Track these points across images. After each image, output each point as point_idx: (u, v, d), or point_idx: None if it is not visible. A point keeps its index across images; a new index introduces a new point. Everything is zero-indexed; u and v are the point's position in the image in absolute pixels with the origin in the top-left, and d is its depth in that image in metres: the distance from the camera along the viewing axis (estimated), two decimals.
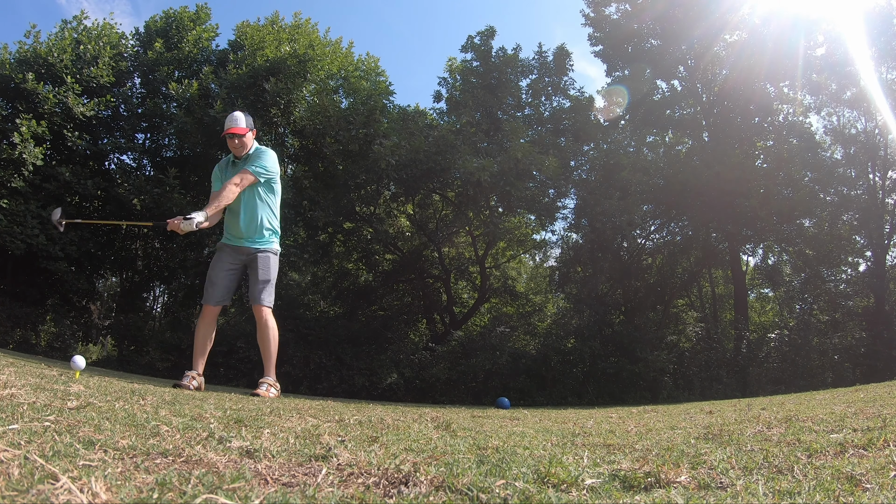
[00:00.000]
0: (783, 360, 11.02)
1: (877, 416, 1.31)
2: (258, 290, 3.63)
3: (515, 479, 0.72)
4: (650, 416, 2.50)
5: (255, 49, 12.65)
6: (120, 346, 12.32)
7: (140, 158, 13.53)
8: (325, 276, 14.71)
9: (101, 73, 12.21)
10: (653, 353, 10.28)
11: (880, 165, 12.64)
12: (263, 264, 3.68)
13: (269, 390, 3.54)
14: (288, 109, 12.42)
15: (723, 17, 12.67)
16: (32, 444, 0.74)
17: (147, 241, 14.53)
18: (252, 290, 3.68)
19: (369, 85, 13.29)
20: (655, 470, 0.76)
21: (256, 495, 0.60)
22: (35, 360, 4.38)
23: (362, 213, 12.93)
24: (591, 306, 11.74)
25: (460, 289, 15.14)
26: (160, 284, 15.14)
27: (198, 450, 0.82)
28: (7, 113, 10.89)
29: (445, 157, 10.99)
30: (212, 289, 3.66)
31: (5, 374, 1.79)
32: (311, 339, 11.20)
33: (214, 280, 3.67)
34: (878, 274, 12.25)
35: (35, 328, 11.32)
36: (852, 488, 0.65)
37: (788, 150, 12.35)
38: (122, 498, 0.56)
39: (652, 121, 14.10)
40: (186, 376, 3.48)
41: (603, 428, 1.71)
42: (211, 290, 3.66)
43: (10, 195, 10.06)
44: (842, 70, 12.25)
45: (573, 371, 10.74)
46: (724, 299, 15.49)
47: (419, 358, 11.02)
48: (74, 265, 11.71)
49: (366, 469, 0.77)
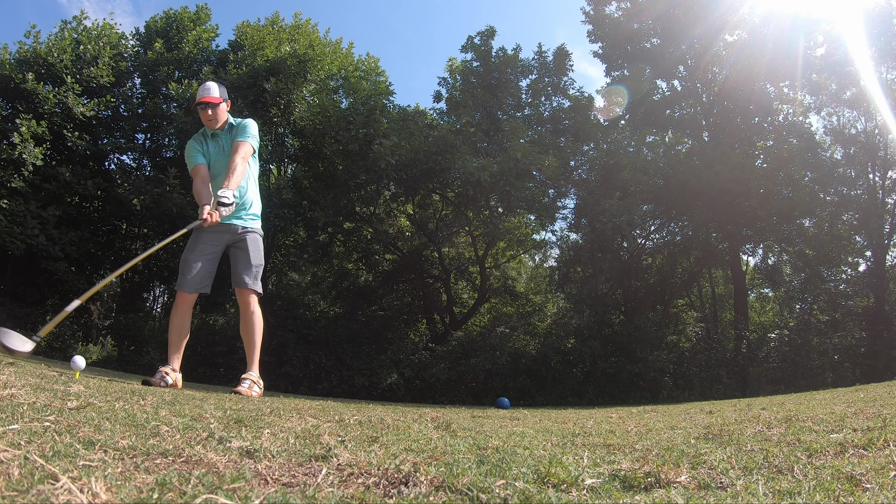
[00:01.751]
0: (783, 360, 11.02)
1: (877, 416, 1.31)
2: (250, 273, 3.28)
3: (515, 479, 0.72)
4: (650, 416, 2.50)
5: (255, 49, 12.66)
6: (120, 346, 12.33)
7: (140, 158, 13.54)
8: (325, 276, 14.71)
9: (101, 74, 12.22)
10: (653, 353, 10.28)
11: (880, 165, 12.64)
12: (254, 245, 3.36)
13: (253, 388, 3.18)
14: (288, 109, 12.42)
15: (722, 16, 12.67)
16: (32, 444, 0.74)
17: (147, 242, 14.53)
18: (241, 274, 3.29)
19: (369, 85, 13.30)
20: (655, 470, 0.76)
21: (256, 495, 0.60)
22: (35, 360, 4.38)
23: (362, 213, 12.93)
24: (591, 306, 11.74)
25: (460, 289, 15.14)
26: (160, 284, 15.14)
27: (198, 450, 0.82)
28: (7, 113, 10.89)
29: (445, 157, 10.99)
30: (189, 273, 3.21)
31: (5, 374, 1.79)
32: (311, 339, 11.20)
33: (192, 264, 3.21)
34: (878, 274, 12.25)
35: (35, 328, 11.32)
36: (852, 488, 0.65)
37: (788, 150, 12.34)
38: (122, 498, 0.56)
39: (652, 121, 14.09)
40: (159, 372, 3.10)
41: (603, 428, 1.71)
42: (188, 275, 3.21)
43: (10, 195, 10.06)
44: (842, 70, 12.25)
45: (573, 371, 10.74)
46: (724, 299, 15.49)
47: (419, 358, 11.02)
48: (74, 265, 11.71)
49: (366, 469, 0.77)
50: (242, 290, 3.29)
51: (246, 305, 3.31)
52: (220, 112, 3.40)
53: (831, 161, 13.02)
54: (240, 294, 3.32)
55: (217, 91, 3.41)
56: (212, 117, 3.36)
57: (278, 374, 10.46)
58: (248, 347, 3.33)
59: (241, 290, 3.30)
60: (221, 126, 3.43)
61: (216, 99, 3.37)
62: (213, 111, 3.36)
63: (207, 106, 3.35)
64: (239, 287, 3.31)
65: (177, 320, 3.28)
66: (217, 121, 3.39)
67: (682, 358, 11.08)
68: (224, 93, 3.47)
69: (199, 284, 3.27)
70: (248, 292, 3.29)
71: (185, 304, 3.29)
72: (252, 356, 3.30)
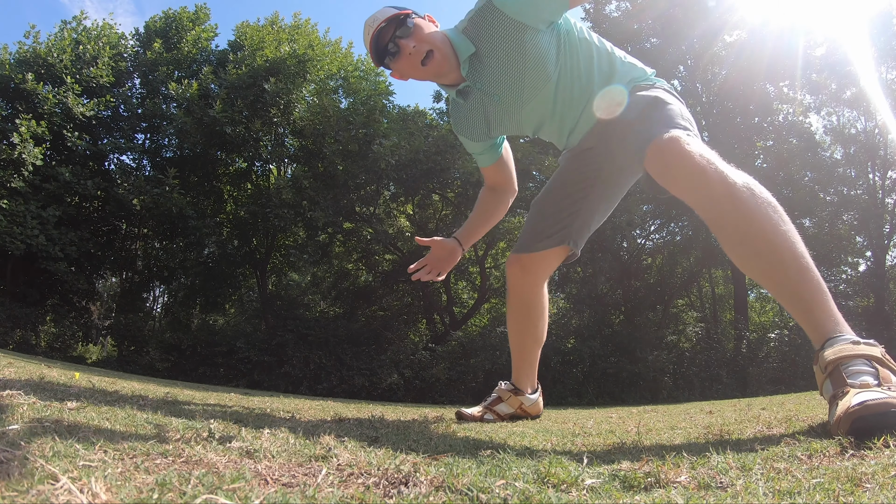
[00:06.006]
0: (783, 360, 11.02)
1: None
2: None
3: (515, 479, 0.72)
4: (650, 416, 2.50)
5: (255, 49, 12.66)
6: (120, 346, 12.33)
7: (140, 158, 13.55)
8: (325, 276, 14.71)
9: (101, 74, 12.22)
10: (653, 353, 10.28)
11: (880, 165, 12.64)
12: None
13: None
14: (288, 109, 12.43)
15: (722, 16, 12.67)
16: (32, 444, 0.74)
17: (147, 242, 14.54)
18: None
19: (369, 85, 13.30)
20: (655, 470, 0.76)
21: (256, 495, 0.60)
22: (35, 361, 4.39)
23: (362, 213, 12.93)
24: (591, 306, 11.73)
25: (460, 289, 15.14)
26: (160, 284, 15.15)
27: (198, 450, 0.82)
28: (7, 113, 10.90)
29: (445, 157, 10.99)
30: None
31: (5, 374, 1.79)
32: (310, 339, 11.20)
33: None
34: (878, 274, 12.25)
35: (35, 328, 11.32)
36: (852, 488, 0.65)
37: (788, 150, 12.35)
38: (122, 498, 0.56)
39: None
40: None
41: (603, 428, 1.71)
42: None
43: (9, 195, 10.06)
44: (841, 70, 12.25)
45: (573, 371, 10.74)
46: (724, 299, 15.49)
47: (419, 358, 11.02)
48: (74, 265, 11.71)
49: (366, 469, 0.77)
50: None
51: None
52: (422, 40, 1.57)
53: (831, 161, 13.03)
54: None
55: (388, 11, 1.60)
56: (428, 64, 1.57)
57: (278, 374, 10.47)
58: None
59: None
60: (449, 65, 1.60)
61: (391, 17, 1.58)
62: (413, 54, 1.57)
63: (394, 53, 1.60)
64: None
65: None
66: (441, 64, 1.59)
67: (682, 358, 11.08)
68: (400, 5, 1.65)
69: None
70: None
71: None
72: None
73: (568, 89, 1.65)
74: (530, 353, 2.12)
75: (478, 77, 1.64)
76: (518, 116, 1.70)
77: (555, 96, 1.65)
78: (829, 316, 1.18)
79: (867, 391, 0.99)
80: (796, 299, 1.21)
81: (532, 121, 1.73)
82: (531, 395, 2.21)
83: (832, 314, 1.18)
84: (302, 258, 13.60)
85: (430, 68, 1.58)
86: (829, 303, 1.19)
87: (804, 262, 1.22)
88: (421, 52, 1.57)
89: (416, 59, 1.58)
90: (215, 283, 13.35)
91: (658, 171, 1.34)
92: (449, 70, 1.62)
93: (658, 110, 1.49)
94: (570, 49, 1.63)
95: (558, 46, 1.61)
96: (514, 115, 1.69)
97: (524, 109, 1.67)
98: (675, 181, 1.30)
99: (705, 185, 1.26)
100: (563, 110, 1.70)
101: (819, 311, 1.19)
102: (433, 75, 1.62)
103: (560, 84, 1.64)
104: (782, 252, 1.21)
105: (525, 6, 1.52)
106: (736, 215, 1.25)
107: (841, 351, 1.10)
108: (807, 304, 1.20)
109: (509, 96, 1.64)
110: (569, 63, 1.63)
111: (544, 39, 1.56)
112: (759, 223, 1.23)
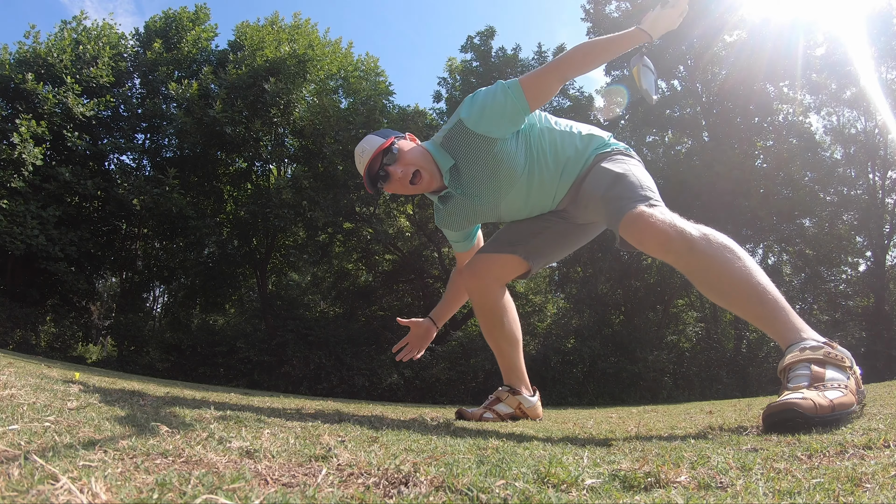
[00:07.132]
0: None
1: (877, 415, 1.31)
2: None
3: (515, 479, 0.72)
4: (650, 416, 2.51)
5: (255, 49, 12.66)
6: (120, 346, 12.33)
7: (140, 158, 13.55)
8: (325, 276, 14.72)
9: (101, 74, 12.22)
10: (653, 353, 10.28)
11: (880, 165, 12.64)
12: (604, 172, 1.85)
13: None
14: (288, 109, 12.43)
15: (722, 16, 12.67)
16: (32, 444, 0.74)
17: (147, 242, 14.54)
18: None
19: (369, 85, 13.30)
20: (655, 470, 0.76)
21: (256, 495, 0.60)
22: (35, 361, 4.38)
23: (362, 213, 12.93)
24: (591, 306, 11.73)
25: None
26: (160, 284, 15.16)
27: (198, 450, 0.82)
28: (7, 113, 10.89)
29: None
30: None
31: (5, 375, 1.79)
32: (310, 339, 11.21)
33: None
34: (878, 274, 12.25)
35: (35, 328, 11.32)
36: (852, 488, 0.65)
37: (788, 150, 12.35)
38: (122, 498, 0.56)
39: (651, 120, 14.09)
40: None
41: (603, 428, 1.71)
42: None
43: (9, 195, 10.06)
44: (841, 70, 12.25)
45: (573, 371, 10.74)
46: None
47: (419, 358, 11.03)
48: (74, 265, 11.71)
49: (366, 469, 0.77)
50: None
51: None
52: (408, 163, 1.78)
53: (831, 161, 13.03)
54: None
55: (377, 140, 1.82)
56: (418, 184, 1.79)
57: (278, 374, 10.47)
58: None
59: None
60: (434, 180, 1.82)
61: (378, 149, 1.78)
62: (402, 174, 1.77)
63: (381, 178, 1.80)
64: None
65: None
66: (428, 182, 1.81)
67: (681, 358, 11.08)
68: (386, 132, 1.88)
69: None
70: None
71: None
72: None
73: (538, 177, 1.87)
74: (509, 355, 2.24)
75: (458, 184, 1.87)
76: (497, 210, 1.96)
77: (528, 187, 1.88)
78: (789, 327, 1.38)
79: (792, 393, 1.17)
80: (761, 320, 1.43)
81: (511, 210, 1.96)
82: (529, 397, 2.30)
83: (791, 324, 1.39)
84: (302, 258, 13.60)
85: (418, 186, 1.81)
86: (786, 315, 1.40)
87: (760, 287, 1.43)
88: (408, 174, 1.78)
89: (405, 181, 1.79)
90: (215, 283, 13.35)
91: (632, 241, 1.59)
92: (433, 182, 1.85)
93: (621, 185, 1.69)
94: (535, 142, 1.85)
95: (527, 144, 1.83)
96: (494, 210, 1.95)
97: (502, 203, 1.92)
98: (647, 247, 1.55)
99: (670, 246, 1.49)
100: (536, 196, 1.92)
101: (780, 325, 1.40)
102: (422, 190, 1.85)
103: (531, 175, 1.86)
104: (740, 285, 1.44)
105: (491, 126, 1.74)
106: (698, 265, 1.49)
107: (790, 358, 1.32)
108: (768, 320, 1.42)
109: (488, 196, 1.89)
110: (536, 155, 1.85)
111: (512, 144, 1.80)
112: (717, 267, 1.46)
